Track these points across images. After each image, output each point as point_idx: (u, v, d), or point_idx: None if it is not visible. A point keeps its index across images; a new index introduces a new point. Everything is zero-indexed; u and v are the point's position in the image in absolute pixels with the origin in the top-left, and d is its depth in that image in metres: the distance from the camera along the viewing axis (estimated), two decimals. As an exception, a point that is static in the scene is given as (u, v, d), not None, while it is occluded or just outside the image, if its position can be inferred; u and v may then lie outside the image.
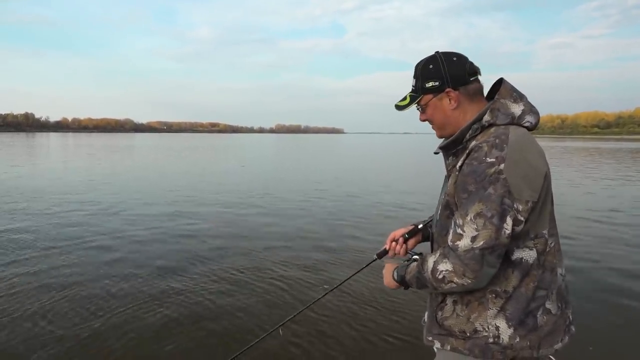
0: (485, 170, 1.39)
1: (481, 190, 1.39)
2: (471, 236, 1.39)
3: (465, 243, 1.40)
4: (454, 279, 1.42)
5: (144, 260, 5.99)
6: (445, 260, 1.44)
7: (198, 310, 4.42)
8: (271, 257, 6.23)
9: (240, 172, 20.00)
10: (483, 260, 1.38)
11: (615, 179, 16.99)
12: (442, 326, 1.60)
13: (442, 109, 1.60)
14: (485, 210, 1.37)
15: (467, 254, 1.39)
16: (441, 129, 1.64)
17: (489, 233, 1.37)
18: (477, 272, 1.39)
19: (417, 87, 1.62)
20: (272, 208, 10.29)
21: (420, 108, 1.65)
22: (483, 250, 1.38)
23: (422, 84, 1.60)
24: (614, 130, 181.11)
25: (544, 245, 1.48)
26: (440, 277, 1.45)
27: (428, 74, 1.58)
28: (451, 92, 1.56)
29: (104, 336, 3.83)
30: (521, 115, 1.51)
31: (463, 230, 1.41)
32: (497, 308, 1.48)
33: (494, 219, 1.37)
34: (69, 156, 30.73)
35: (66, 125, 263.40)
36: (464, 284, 1.42)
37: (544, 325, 1.48)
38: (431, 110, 1.62)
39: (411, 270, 1.61)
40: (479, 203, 1.38)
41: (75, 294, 4.72)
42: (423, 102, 1.62)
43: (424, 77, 1.59)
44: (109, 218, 8.74)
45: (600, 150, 45.93)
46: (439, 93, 1.58)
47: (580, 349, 3.53)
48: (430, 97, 1.60)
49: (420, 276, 1.55)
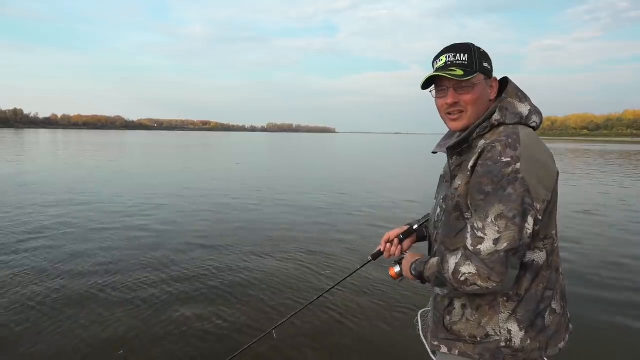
0: (502, 170, 1.34)
1: (500, 190, 1.33)
2: (493, 238, 1.33)
3: (488, 246, 1.34)
4: (477, 282, 1.36)
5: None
6: (468, 263, 1.37)
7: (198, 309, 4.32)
8: (260, 259, 6.15)
9: (246, 172, 19.90)
10: (508, 262, 1.33)
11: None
12: (451, 331, 1.56)
13: (486, 94, 1.54)
14: (507, 211, 1.32)
15: (491, 257, 1.33)
16: (471, 117, 1.51)
17: (512, 234, 1.32)
18: (503, 275, 1.34)
19: (471, 62, 1.48)
20: (264, 207, 10.21)
21: (465, 87, 1.49)
22: (507, 252, 1.33)
23: (480, 62, 1.50)
24: (603, 132, 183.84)
25: (551, 246, 1.48)
26: (462, 279, 1.39)
27: (484, 55, 1.53)
28: (495, 82, 1.55)
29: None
30: (528, 115, 1.50)
31: (484, 233, 1.35)
32: (508, 312, 1.45)
33: (517, 219, 1.32)
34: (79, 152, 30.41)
35: (55, 121, 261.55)
36: (488, 287, 1.36)
37: (551, 325, 1.48)
38: (479, 92, 1.50)
39: (430, 267, 1.54)
40: (499, 204, 1.33)
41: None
42: (476, 80, 1.49)
43: (481, 57, 1.51)
44: (157, 211, 8.71)
45: (590, 152, 46.42)
46: (489, 78, 1.53)
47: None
48: (483, 78, 1.52)
49: (440, 276, 1.48)
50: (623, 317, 4.34)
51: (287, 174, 18.92)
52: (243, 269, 5.55)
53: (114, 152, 33.32)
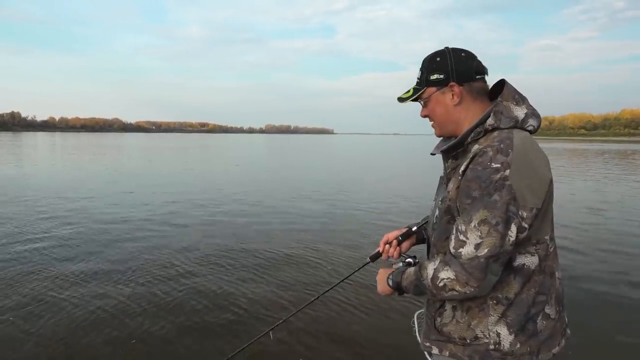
0: (490, 176, 1.34)
1: (486, 196, 1.34)
2: (475, 243, 1.34)
3: (468, 250, 1.35)
4: (455, 287, 1.38)
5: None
6: (446, 268, 1.39)
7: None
8: (260, 260, 6.17)
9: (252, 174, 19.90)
10: (487, 268, 1.35)
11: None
12: (441, 332, 1.56)
13: (444, 103, 1.54)
14: (490, 217, 1.33)
15: (471, 262, 1.35)
16: (441, 126, 1.59)
17: (493, 241, 1.33)
18: (481, 281, 1.35)
19: (421, 79, 1.57)
20: (259, 208, 10.22)
21: (422, 102, 1.60)
22: (487, 258, 1.34)
23: (427, 76, 1.54)
24: (600, 132, 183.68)
25: (545, 251, 1.46)
26: (441, 285, 1.41)
27: (434, 66, 1.54)
28: (455, 87, 1.51)
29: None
30: (524, 118, 1.47)
31: (466, 237, 1.36)
32: (498, 315, 1.45)
33: (499, 226, 1.33)
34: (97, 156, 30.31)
35: (53, 124, 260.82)
36: (466, 292, 1.38)
37: (544, 330, 1.47)
38: (433, 104, 1.57)
39: (408, 277, 1.56)
40: (483, 210, 1.34)
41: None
42: (426, 95, 1.56)
43: (430, 70, 1.54)
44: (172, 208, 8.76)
45: (588, 152, 46.45)
46: (443, 87, 1.53)
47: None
48: (434, 91, 1.54)
49: (419, 283, 1.50)
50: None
51: (287, 175, 18.95)
52: (256, 265, 5.59)
53: (119, 154, 33.33)
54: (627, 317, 4.43)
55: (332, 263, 6.02)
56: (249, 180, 16.68)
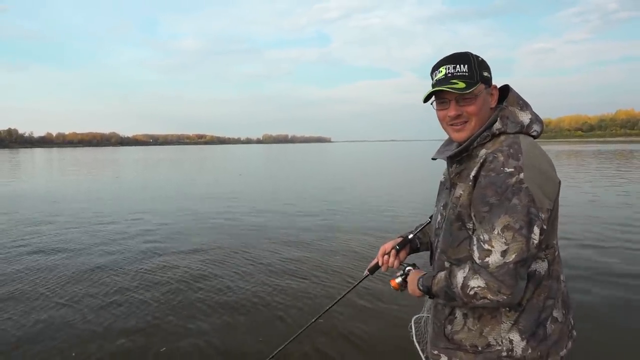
0: (505, 180, 1.33)
1: (505, 201, 1.32)
2: (501, 250, 1.32)
3: (495, 259, 1.32)
4: (487, 295, 1.34)
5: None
6: (476, 277, 1.36)
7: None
8: (258, 277, 6.10)
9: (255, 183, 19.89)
10: (517, 274, 1.32)
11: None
12: (452, 340, 1.54)
13: (487, 104, 1.52)
14: (513, 222, 1.31)
15: (500, 270, 1.32)
16: (475, 127, 1.49)
17: (519, 245, 1.31)
18: (513, 288, 1.32)
19: (472, 73, 1.46)
20: (252, 218, 10.20)
21: (467, 98, 1.47)
22: (516, 264, 1.31)
23: (480, 72, 1.48)
24: (597, 132, 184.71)
25: (553, 255, 1.47)
26: (471, 294, 1.37)
27: (483, 63, 1.50)
28: (495, 90, 1.53)
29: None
30: (529, 124, 1.49)
31: (491, 245, 1.33)
32: (511, 322, 1.44)
33: (523, 230, 1.31)
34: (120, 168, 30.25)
35: (50, 140, 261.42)
36: (498, 301, 1.34)
37: (552, 334, 1.46)
38: (481, 102, 1.49)
39: (438, 282, 1.51)
40: (505, 215, 1.32)
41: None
42: (477, 91, 1.47)
43: (481, 67, 1.49)
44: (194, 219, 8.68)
45: (591, 153, 46.57)
46: (489, 87, 1.51)
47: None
48: (484, 88, 1.50)
49: (448, 290, 1.46)
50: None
51: (289, 184, 19.03)
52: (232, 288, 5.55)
53: (124, 168, 33.30)
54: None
55: (328, 278, 5.96)
56: (255, 189, 16.95)
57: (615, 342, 3.90)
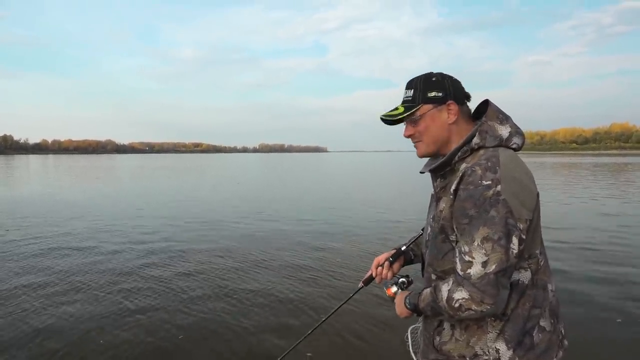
0: (483, 193, 1.37)
1: (483, 213, 1.36)
2: (482, 261, 1.36)
3: (477, 270, 1.36)
4: (472, 306, 1.38)
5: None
6: (460, 288, 1.40)
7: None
8: (252, 294, 6.10)
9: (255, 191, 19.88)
10: (498, 283, 1.36)
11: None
12: (440, 351, 1.57)
13: (440, 121, 1.55)
14: (492, 233, 1.35)
15: (482, 281, 1.36)
16: (429, 144, 1.59)
17: (499, 256, 1.35)
18: (495, 297, 1.36)
19: (414, 97, 1.56)
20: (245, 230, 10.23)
21: (412, 120, 1.58)
22: (497, 274, 1.35)
23: (424, 94, 1.55)
24: (591, 145, 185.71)
25: (536, 265, 1.49)
26: (456, 306, 1.41)
27: (431, 84, 1.55)
28: (452, 105, 1.54)
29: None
30: (509, 137, 1.51)
31: (472, 256, 1.37)
32: (496, 331, 1.47)
33: (502, 240, 1.35)
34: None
35: (46, 147, 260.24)
36: (482, 311, 1.38)
37: (540, 343, 1.48)
38: (428, 121, 1.56)
39: (424, 299, 1.55)
40: (483, 227, 1.36)
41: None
42: (420, 112, 1.55)
43: (426, 87, 1.55)
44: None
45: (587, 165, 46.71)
46: (440, 105, 1.54)
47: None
48: (430, 108, 1.54)
49: (435, 305, 1.50)
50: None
51: (287, 192, 19.13)
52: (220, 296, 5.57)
53: (127, 177, 33.16)
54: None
55: (322, 289, 5.98)
56: (253, 196, 17.19)
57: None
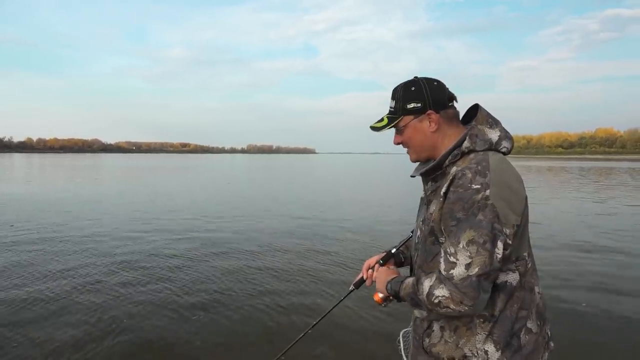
0: (472, 196, 1.39)
1: (471, 217, 1.38)
2: (465, 263, 1.37)
3: (460, 271, 1.38)
4: (450, 305, 1.40)
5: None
6: (442, 286, 1.42)
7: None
8: (243, 297, 6.07)
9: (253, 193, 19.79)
10: (479, 286, 1.38)
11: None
12: (430, 353, 1.58)
13: (422, 131, 1.59)
14: (477, 237, 1.37)
15: (463, 282, 1.37)
16: (417, 152, 1.64)
17: (482, 259, 1.36)
18: (476, 299, 1.38)
19: (396, 108, 1.61)
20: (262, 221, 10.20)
21: (397, 130, 1.64)
22: (479, 277, 1.37)
23: (403, 105, 1.59)
24: (576, 150, 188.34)
25: (524, 267, 1.51)
26: (436, 302, 1.43)
27: (410, 95, 1.58)
28: (432, 115, 1.57)
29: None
30: (498, 141, 1.54)
31: (456, 258, 1.39)
32: (485, 332, 1.48)
33: (487, 244, 1.37)
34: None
35: (31, 145, 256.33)
36: (461, 310, 1.40)
37: (527, 344, 1.50)
38: (410, 132, 1.61)
39: (405, 287, 1.59)
40: (470, 230, 1.38)
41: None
42: (402, 123, 1.60)
43: (405, 99, 1.58)
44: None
45: (569, 169, 47.40)
46: (420, 115, 1.58)
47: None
48: (411, 119, 1.59)
49: (414, 297, 1.52)
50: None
51: (276, 192, 19.15)
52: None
53: (119, 176, 32.57)
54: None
55: (321, 285, 5.99)
56: (243, 196, 17.29)
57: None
